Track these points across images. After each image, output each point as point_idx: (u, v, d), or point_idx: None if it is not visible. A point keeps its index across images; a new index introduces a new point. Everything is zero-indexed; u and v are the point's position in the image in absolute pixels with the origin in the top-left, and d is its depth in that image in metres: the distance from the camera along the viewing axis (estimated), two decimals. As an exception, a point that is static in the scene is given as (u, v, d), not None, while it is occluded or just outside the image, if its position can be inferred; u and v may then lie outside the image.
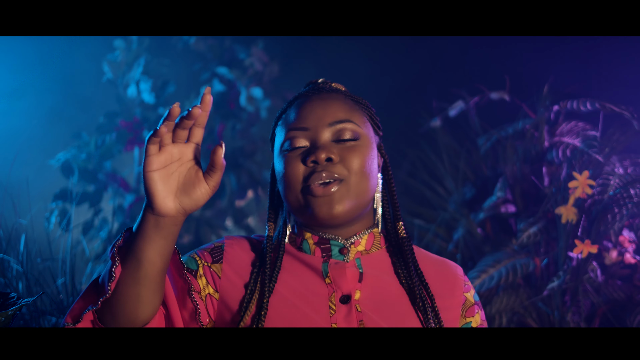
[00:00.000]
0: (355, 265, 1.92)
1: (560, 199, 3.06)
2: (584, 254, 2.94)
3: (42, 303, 3.20)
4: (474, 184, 3.69)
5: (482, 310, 2.01)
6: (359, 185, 1.87)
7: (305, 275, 1.90)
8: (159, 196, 1.57)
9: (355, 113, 1.94)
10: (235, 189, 4.96)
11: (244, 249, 1.96)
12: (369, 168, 1.90)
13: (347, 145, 1.88)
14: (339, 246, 1.92)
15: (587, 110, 3.12)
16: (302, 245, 1.95)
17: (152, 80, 4.79)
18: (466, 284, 2.00)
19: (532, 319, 3.22)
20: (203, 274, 1.89)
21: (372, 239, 1.97)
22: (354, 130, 1.90)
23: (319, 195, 1.83)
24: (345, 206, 1.85)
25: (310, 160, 1.85)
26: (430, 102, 3.93)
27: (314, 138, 1.89)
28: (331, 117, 1.90)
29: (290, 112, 1.96)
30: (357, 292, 1.87)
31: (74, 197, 4.43)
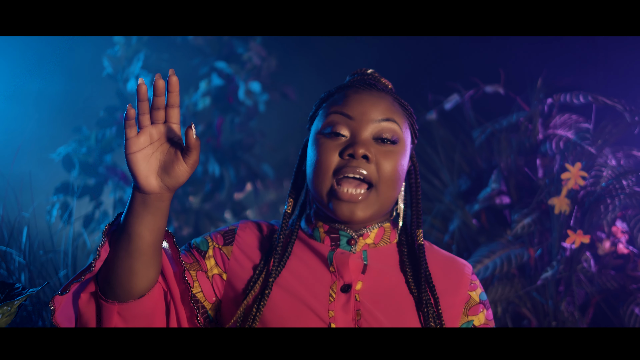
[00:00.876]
0: (361, 257, 1.94)
1: (554, 191, 3.06)
2: (577, 244, 2.95)
3: (45, 294, 3.21)
4: (469, 176, 3.70)
5: (488, 310, 2.01)
6: (385, 194, 1.89)
7: (312, 261, 1.94)
8: (141, 175, 1.63)
9: (400, 116, 1.94)
10: (234, 182, 4.97)
11: (256, 233, 2.01)
12: (399, 176, 1.91)
13: (385, 149, 1.89)
14: (347, 237, 1.94)
15: (580, 103, 3.11)
16: (313, 233, 1.98)
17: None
18: (472, 283, 2.01)
19: (527, 309, 3.23)
20: (212, 255, 1.95)
21: (382, 232, 1.98)
22: (396, 132, 1.91)
23: (345, 200, 1.86)
24: (367, 213, 1.88)
25: (348, 154, 1.86)
26: (426, 95, 3.93)
27: (356, 130, 1.89)
28: (377, 114, 1.90)
29: (338, 97, 1.96)
30: (359, 283, 1.90)
31: (75, 190, 4.46)
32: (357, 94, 1.94)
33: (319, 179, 1.89)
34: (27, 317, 3.05)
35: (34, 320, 3.06)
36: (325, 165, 1.88)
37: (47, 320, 3.08)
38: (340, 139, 1.90)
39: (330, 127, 1.91)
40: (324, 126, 1.92)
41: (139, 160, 1.63)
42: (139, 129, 1.62)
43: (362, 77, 2.06)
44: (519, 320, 3.33)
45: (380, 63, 4.69)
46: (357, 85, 1.98)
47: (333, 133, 1.90)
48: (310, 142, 1.97)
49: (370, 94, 1.94)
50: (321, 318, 1.85)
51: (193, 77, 5.09)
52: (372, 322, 1.86)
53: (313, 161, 1.91)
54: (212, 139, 4.94)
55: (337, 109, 1.92)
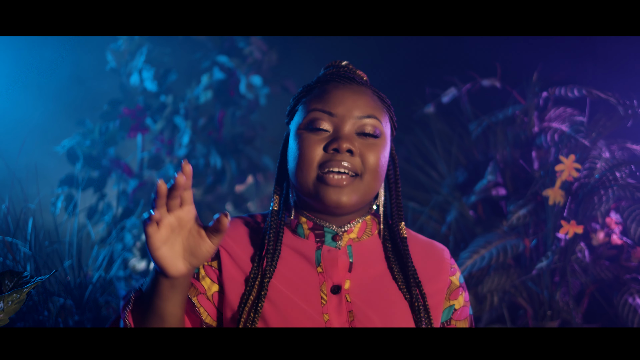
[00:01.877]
0: (346, 253, 1.95)
1: (549, 182, 3.07)
2: (570, 234, 2.96)
3: (50, 284, 3.22)
4: (466, 168, 3.70)
5: (466, 292, 2.04)
6: (370, 184, 1.91)
7: (299, 261, 1.93)
8: (169, 265, 1.65)
9: (380, 111, 1.96)
10: (235, 174, 4.98)
11: (239, 232, 1.98)
12: (382, 167, 1.93)
13: (368, 142, 1.91)
14: (332, 233, 1.95)
15: (574, 97, 3.10)
16: (296, 229, 1.98)
17: (154, 69, 4.81)
18: (452, 267, 2.04)
19: (523, 298, 3.24)
20: (206, 274, 1.93)
21: (364, 226, 2.00)
22: (377, 127, 1.92)
23: (332, 185, 1.86)
24: (353, 199, 1.88)
25: (332, 148, 1.87)
26: (423, 89, 3.93)
27: (339, 126, 1.90)
28: (359, 111, 1.92)
29: (318, 93, 1.96)
30: (347, 282, 1.91)
31: (80, 182, 4.46)
32: (338, 90, 1.95)
33: (304, 172, 1.89)
34: (33, 306, 3.04)
35: (39, 310, 3.06)
36: (309, 158, 1.89)
37: (53, 309, 3.08)
38: (323, 134, 1.91)
39: (313, 123, 1.91)
40: (306, 122, 1.93)
41: (165, 253, 1.64)
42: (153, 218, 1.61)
43: (338, 70, 2.06)
44: (515, 309, 3.34)
45: (379, 57, 4.68)
46: (337, 79, 1.99)
47: (316, 128, 1.91)
48: (291, 136, 1.97)
49: (350, 89, 1.95)
50: (317, 323, 1.84)
51: (195, 71, 5.10)
52: (365, 322, 1.86)
53: (296, 155, 1.91)
54: (213, 132, 4.94)
55: (319, 106, 1.93)
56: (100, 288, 3.36)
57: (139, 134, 4.82)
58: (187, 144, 4.84)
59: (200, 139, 4.92)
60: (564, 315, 3.16)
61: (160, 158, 4.87)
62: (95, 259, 3.56)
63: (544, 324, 3.17)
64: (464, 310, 2.04)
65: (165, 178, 4.79)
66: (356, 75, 2.06)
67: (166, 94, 4.88)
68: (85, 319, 3.18)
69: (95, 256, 3.57)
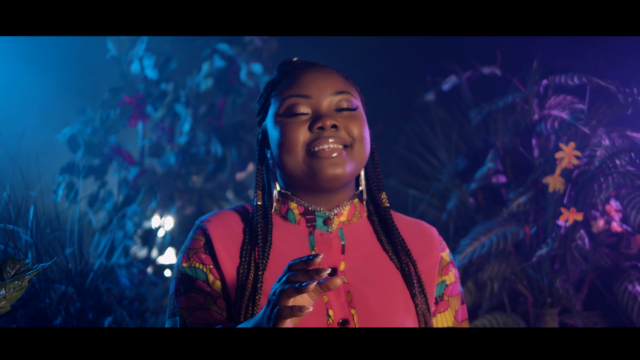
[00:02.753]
0: (338, 236, 1.97)
1: (549, 170, 3.07)
2: (570, 221, 2.96)
3: (52, 272, 3.23)
4: (466, 156, 3.69)
5: (455, 269, 2.09)
6: (360, 152, 1.94)
7: (292, 249, 1.94)
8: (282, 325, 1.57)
9: (350, 87, 2.00)
10: (236, 162, 4.97)
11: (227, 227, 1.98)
12: (366, 137, 1.96)
13: (347, 115, 1.94)
14: (323, 217, 1.98)
15: (574, 85, 3.09)
16: (287, 215, 1.99)
17: (155, 57, 4.80)
18: (442, 244, 2.08)
19: (523, 285, 3.25)
20: (215, 277, 1.93)
21: (353, 209, 2.02)
22: (351, 101, 1.96)
23: (325, 157, 1.88)
24: (347, 169, 1.91)
25: (317, 127, 1.89)
26: (424, 76, 3.93)
27: (317, 106, 1.94)
28: (333, 88, 1.96)
29: (287, 82, 1.99)
30: (341, 264, 1.93)
31: (80, 170, 4.47)
32: (306, 74, 1.99)
33: (292, 154, 1.91)
34: (34, 294, 3.05)
35: (41, 296, 3.07)
36: (295, 139, 1.91)
37: (54, 297, 3.08)
38: (303, 117, 1.93)
39: (291, 109, 1.94)
40: (283, 110, 1.95)
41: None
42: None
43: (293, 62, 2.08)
44: (515, 296, 3.35)
45: (379, 44, 4.69)
46: (302, 66, 2.02)
47: (295, 113, 1.93)
48: (270, 128, 1.98)
49: (317, 71, 2.00)
50: (316, 304, 1.84)
51: (195, 58, 5.08)
52: (363, 300, 1.88)
53: (281, 140, 1.93)
54: (214, 120, 4.93)
55: (292, 92, 1.95)
56: (102, 275, 3.38)
57: (139, 121, 4.80)
58: (187, 131, 4.85)
59: (201, 126, 4.91)
60: (564, 302, 3.17)
61: (161, 146, 4.87)
62: (97, 246, 3.57)
63: (544, 311, 3.18)
64: (455, 287, 2.07)
65: (166, 167, 4.81)
66: (314, 62, 2.09)
67: (167, 81, 4.87)
68: (86, 307, 3.18)
69: (96, 244, 3.58)
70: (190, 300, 1.90)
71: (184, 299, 1.91)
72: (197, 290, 1.91)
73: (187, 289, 1.92)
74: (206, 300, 1.90)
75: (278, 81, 2.03)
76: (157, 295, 3.95)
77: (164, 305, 3.86)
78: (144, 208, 4.63)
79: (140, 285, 3.94)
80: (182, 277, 1.94)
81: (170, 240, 4.75)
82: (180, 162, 4.85)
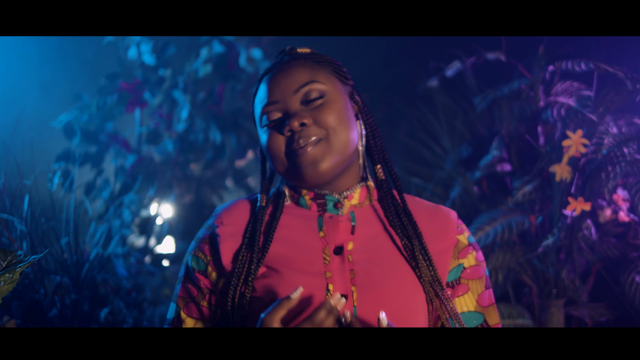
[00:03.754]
0: (349, 219, 1.99)
1: (555, 158, 3.05)
2: (577, 211, 2.94)
3: (47, 262, 3.23)
4: (470, 143, 3.69)
5: (478, 252, 2.05)
6: (339, 139, 1.93)
7: (302, 229, 1.99)
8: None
9: (317, 72, 2.01)
10: (235, 150, 4.97)
11: (237, 216, 2.04)
12: (345, 120, 1.96)
13: (316, 105, 1.95)
14: (333, 200, 2.00)
15: (581, 71, 3.09)
16: (299, 201, 2.03)
17: (152, 42, 4.78)
18: (459, 227, 2.06)
19: (528, 276, 3.25)
20: (213, 269, 2.00)
21: (365, 192, 2.04)
22: (319, 89, 1.97)
23: (302, 155, 1.91)
24: (330, 162, 1.92)
25: (287, 130, 1.92)
26: (427, 62, 3.92)
27: (284, 108, 1.96)
28: (294, 84, 1.97)
29: (261, 90, 2.03)
30: (349, 243, 1.95)
31: (77, 158, 4.45)
32: (273, 77, 2.01)
33: (276, 159, 1.96)
34: (29, 284, 3.04)
35: (35, 287, 3.06)
36: (275, 147, 1.95)
37: (49, 288, 3.07)
38: (277, 122, 1.97)
39: (264, 119, 1.98)
40: (261, 121, 2.00)
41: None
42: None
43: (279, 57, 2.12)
44: (520, 287, 3.35)
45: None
46: (271, 70, 2.05)
47: (269, 122, 1.97)
48: (260, 139, 2.04)
49: (280, 71, 2.01)
50: (319, 279, 1.88)
51: (194, 44, 5.06)
52: (367, 279, 1.89)
53: (267, 151, 1.98)
54: (213, 107, 4.91)
55: (262, 102, 1.99)
56: (98, 265, 3.36)
57: (137, 108, 4.79)
58: (186, 118, 4.82)
59: (200, 113, 4.90)
60: (570, 294, 3.16)
61: (158, 133, 4.86)
62: (93, 236, 3.56)
63: (549, 303, 3.17)
64: (477, 270, 2.04)
65: (163, 154, 4.79)
66: (292, 55, 2.10)
67: (165, 67, 4.84)
68: (82, 298, 3.16)
69: (92, 233, 3.58)
70: (186, 291, 2.03)
71: (182, 287, 2.04)
72: (193, 282, 2.02)
73: (187, 279, 2.04)
74: (198, 295, 2.01)
75: (255, 92, 2.08)
76: (155, 285, 4.02)
77: (162, 295, 3.92)
78: (141, 196, 4.62)
79: (138, 275, 4.00)
80: (186, 265, 2.05)
81: (169, 229, 4.75)
82: (178, 149, 4.83)
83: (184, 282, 2.03)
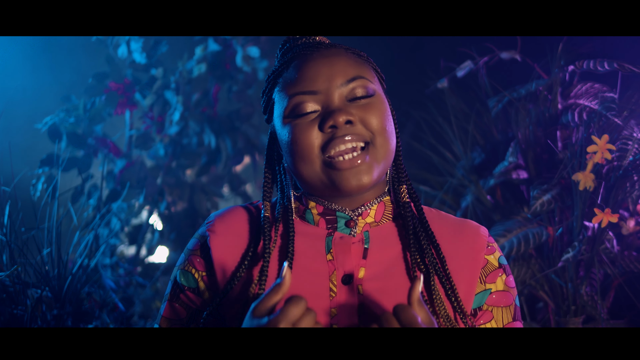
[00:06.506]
0: (362, 240, 1.80)
1: (577, 165, 2.94)
2: (604, 223, 2.82)
3: (27, 274, 3.13)
4: (483, 149, 3.59)
5: (509, 276, 1.88)
6: (384, 147, 1.76)
7: (306, 251, 1.81)
8: None
9: (363, 67, 1.83)
10: (231, 154, 4.86)
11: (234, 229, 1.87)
12: (390, 126, 1.79)
13: (363, 104, 1.76)
14: (345, 218, 1.81)
15: (604, 71, 2.98)
16: (304, 215, 1.84)
17: (143, 39, 4.66)
18: (489, 246, 1.87)
19: (544, 292, 3.14)
20: (204, 287, 1.85)
21: (382, 208, 1.84)
22: (367, 86, 1.79)
23: (346, 168, 1.71)
24: (373, 175, 1.76)
25: (329, 126, 1.72)
26: (437, 61, 3.81)
27: (327, 101, 1.76)
28: (342, 76, 1.78)
29: (290, 74, 1.83)
30: (361, 270, 1.78)
31: (60, 163, 4.34)
32: (312, 62, 1.81)
33: (307, 162, 1.76)
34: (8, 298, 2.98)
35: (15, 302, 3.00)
36: (308, 145, 1.75)
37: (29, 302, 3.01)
38: (313, 115, 1.77)
39: (297, 110, 1.78)
40: (289, 111, 1.79)
41: None
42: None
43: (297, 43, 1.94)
44: (534, 303, 3.26)
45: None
46: (304, 51, 1.85)
47: (302, 113, 1.77)
48: (278, 130, 1.84)
49: (322, 56, 1.82)
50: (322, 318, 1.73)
51: (188, 42, 4.97)
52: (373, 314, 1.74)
53: (292, 148, 1.78)
54: (208, 108, 4.81)
55: (297, 89, 1.79)
56: (83, 278, 3.26)
57: (127, 110, 4.69)
58: (178, 121, 4.72)
59: (193, 115, 4.78)
60: (589, 310, 3.05)
61: (149, 136, 4.74)
62: (77, 246, 3.44)
63: (567, 320, 3.07)
64: (505, 296, 1.86)
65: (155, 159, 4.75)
66: (318, 42, 1.91)
67: (156, 66, 4.73)
68: (64, 313, 3.10)
69: (76, 243, 3.45)
70: (173, 312, 1.88)
71: (168, 307, 1.89)
72: (182, 302, 1.87)
73: (173, 297, 1.89)
74: (187, 318, 1.87)
75: (279, 73, 1.87)
76: (146, 298, 3.94)
77: (154, 308, 3.88)
78: (131, 204, 4.56)
79: (128, 287, 3.96)
80: (174, 281, 1.90)
81: (160, 239, 4.69)
82: (170, 154, 4.75)
83: (171, 301, 1.88)
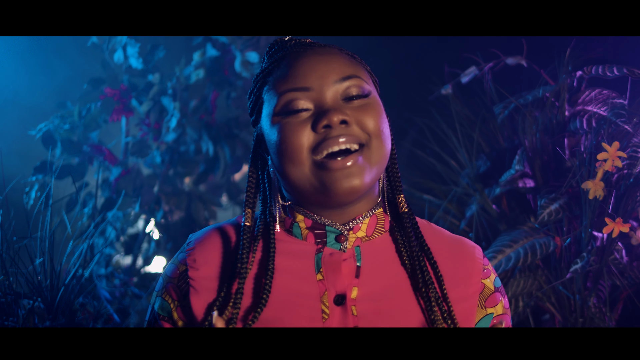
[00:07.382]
0: (354, 256, 1.74)
1: (585, 173, 2.88)
2: (615, 232, 2.75)
3: (18, 284, 3.09)
4: (488, 157, 3.54)
5: (505, 298, 1.84)
6: (379, 150, 1.69)
7: (294, 271, 1.73)
8: None
9: (358, 67, 1.77)
10: (230, 162, 4.82)
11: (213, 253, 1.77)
12: (386, 129, 1.71)
13: (358, 104, 1.68)
14: (335, 233, 1.72)
15: (613, 76, 2.94)
16: (291, 228, 1.75)
17: (140, 44, 4.62)
18: (485, 269, 1.82)
19: (551, 304, 3.09)
20: (177, 317, 1.77)
21: (374, 222, 1.77)
22: (362, 86, 1.72)
23: (338, 169, 1.62)
24: (367, 178, 1.65)
25: (322, 126, 1.64)
26: (441, 67, 3.77)
27: (320, 99, 1.68)
28: (337, 74, 1.70)
29: (281, 71, 1.75)
30: (353, 290, 1.71)
31: (54, 170, 4.31)
32: (304, 59, 1.74)
33: (296, 163, 1.67)
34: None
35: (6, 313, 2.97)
36: (298, 145, 1.66)
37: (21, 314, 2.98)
38: (305, 114, 1.69)
39: (288, 107, 1.69)
40: (280, 108, 1.71)
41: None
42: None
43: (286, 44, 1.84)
44: (540, 314, 3.21)
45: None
46: (295, 49, 1.78)
47: (294, 111, 1.69)
48: (267, 130, 1.74)
49: (315, 54, 1.75)
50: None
51: (186, 47, 4.94)
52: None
53: (281, 148, 1.68)
54: (206, 115, 4.76)
55: (287, 86, 1.71)
56: (76, 289, 3.21)
57: (122, 116, 4.65)
58: (175, 128, 4.68)
59: (191, 122, 4.74)
60: (597, 323, 3.01)
61: (146, 144, 4.70)
62: (71, 255, 3.39)
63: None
64: (505, 319, 1.83)
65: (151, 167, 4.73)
66: (311, 42, 1.85)
67: (153, 72, 4.70)
68: (57, 325, 3.05)
69: (70, 252, 3.40)
70: None
71: None
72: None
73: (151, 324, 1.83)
74: None
75: (269, 72, 1.79)
76: (142, 309, 3.88)
77: None
78: (126, 212, 4.53)
79: (123, 298, 3.92)
80: (152, 309, 1.84)
81: (156, 249, 4.66)
82: (167, 162, 4.71)
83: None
